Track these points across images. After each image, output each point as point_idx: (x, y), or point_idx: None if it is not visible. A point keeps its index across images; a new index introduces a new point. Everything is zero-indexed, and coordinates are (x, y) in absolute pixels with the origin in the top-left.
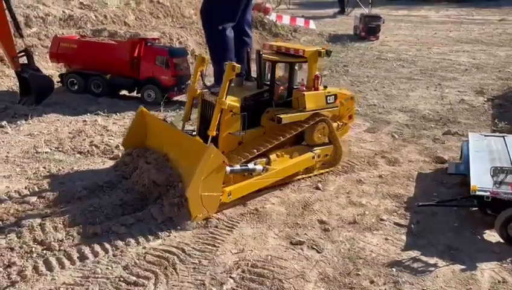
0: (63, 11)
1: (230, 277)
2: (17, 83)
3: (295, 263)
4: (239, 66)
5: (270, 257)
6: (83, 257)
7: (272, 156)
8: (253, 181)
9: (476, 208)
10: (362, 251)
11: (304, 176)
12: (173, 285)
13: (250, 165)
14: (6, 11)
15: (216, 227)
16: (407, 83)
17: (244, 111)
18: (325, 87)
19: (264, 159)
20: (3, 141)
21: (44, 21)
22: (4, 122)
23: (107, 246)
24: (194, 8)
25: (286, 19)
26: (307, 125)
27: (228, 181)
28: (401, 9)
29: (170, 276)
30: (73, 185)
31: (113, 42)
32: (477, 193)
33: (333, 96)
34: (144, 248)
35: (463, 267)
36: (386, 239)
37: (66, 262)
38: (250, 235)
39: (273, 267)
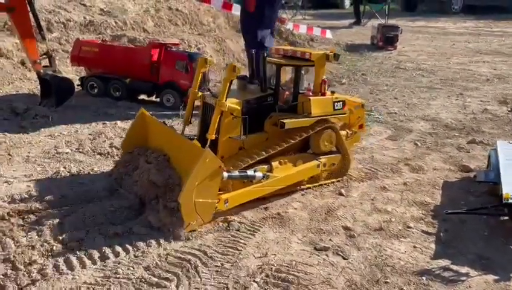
0: (84, 17)
1: (254, 281)
2: (38, 86)
3: (320, 269)
4: (240, 67)
5: (294, 262)
6: (103, 257)
7: (274, 163)
8: (253, 189)
9: (507, 217)
10: (390, 259)
11: (308, 185)
12: (195, 288)
13: (250, 172)
14: (30, 14)
15: (238, 230)
16: (428, 92)
17: (246, 114)
18: (333, 92)
19: (266, 166)
20: (24, 141)
21: (66, 26)
22: (25, 123)
23: (128, 246)
24: (212, 16)
25: (303, 28)
26: (312, 132)
27: (227, 188)
28: (418, 21)
29: (192, 278)
30: (94, 186)
31: (133, 47)
32: (510, 200)
33: (341, 103)
34: (165, 249)
35: (496, 277)
36: (414, 247)
37: (87, 261)
38: (273, 240)
39: (298, 272)
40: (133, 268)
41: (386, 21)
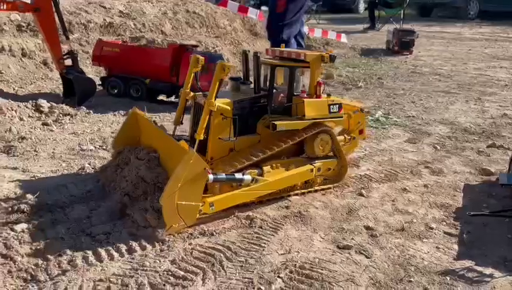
0: (104, 19)
1: (279, 277)
2: (60, 85)
3: (344, 267)
4: (229, 65)
5: (317, 259)
6: (130, 250)
7: (266, 167)
8: (241, 192)
9: None
10: (413, 258)
11: (303, 190)
12: (221, 281)
13: (238, 175)
14: (55, 15)
15: (261, 227)
16: (445, 97)
17: (237, 115)
18: (329, 95)
19: (256, 170)
20: (49, 139)
21: (86, 27)
22: (50, 121)
23: (154, 240)
24: (228, 19)
25: (318, 32)
26: (306, 135)
27: (214, 191)
28: (433, 26)
29: (218, 273)
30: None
31: (154, 48)
32: None
33: (337, 106)
34: (190, 244)
35: None
36: (437, 247)
37: (115, 254)
38: (296, 237)
39: (322, 269)
40: (160, 261)
41: (400, 26)
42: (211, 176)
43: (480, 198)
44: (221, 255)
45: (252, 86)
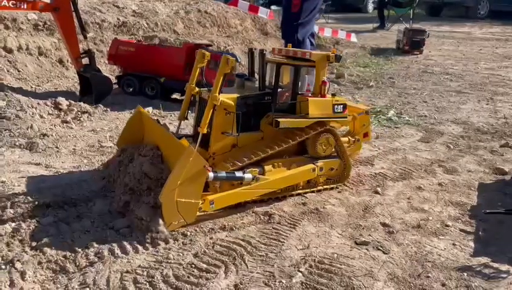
0: (118, 18)
1: (299, 271)
2: (75, 84)
3: (362, 262)
4: (233, 59)
5: (336, 254)
6: (154, 243)
7: (267, 166)
8: (241, 191)
9: None
10: (430, 255)
11: (306, 190)
12: (243, 275)
13: (238, 173)
14: (73, 14)
15: (279, 223)
16: (457, 96)
17: (240, 111)
18: (334, 95)
19: (257, 169)
20: (69, 135)
21: (100, 27)
22: (69, 118)
23: (176, 234)
24: (239, 18)
25: (328, 32)
26: (309, 134)
27: (215, 188)
28: (443, 26)
29: (239, 266)
30: None
31: (168, 47)
32: None
33: (342, 106)
34: (211, 238)
35: None
36: (454, 244)
37: (139, 247)
38: (314, 233)
39: (340, 264)
40: (183, 254)
41: (410, 25)
42: (210, 174)
43: (495, 196)
44: (242, 249)
45: (257, 83)
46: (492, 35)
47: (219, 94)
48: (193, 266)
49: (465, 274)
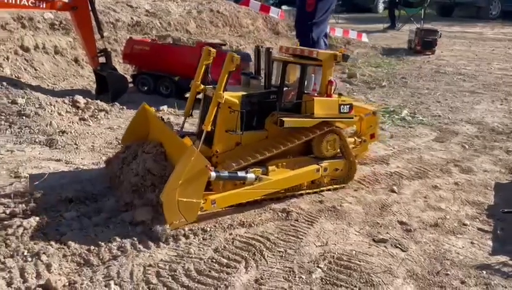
0: (131, 18)
1: (318, 267)
2: (91, 82)
3: (381, 260)
4: (238, 57)
5: (354, 251)
6: (175, 238)
7: (271, 166)
8: (243, 191)
9: None
10: (448, 253)
11: (309, 191)
12: (263, 270)
13: (241, 173)
14: (91, 13)
15: (297, 220)
16: (471, 96)
17: (245, 109)
18: (340, 95)
19: (261, 169)
20: (87, 133)
21: (114, 26)
22: (86, 116)
23: (196, 229)
24: (251, 18)
25: (339, 32)
26: (314, 134)
27: (217, 188)
28: (454, 26)
29: (259, 261)
30: None
31: (182, 46)
32: None
33: (348, 106)
34: (231, 234)
35: None
36: (472, 243)
37: (161, 242)
38: (332, 231)
39: (359, 261)
40: (203, 249)
41: (421, 25)
42: (212, 174)
43: None
44: (261, 245)
45: (263, 81)
46: (504, 35)
47: (223, 92)
48: (214, 260)
49: (484, 272)
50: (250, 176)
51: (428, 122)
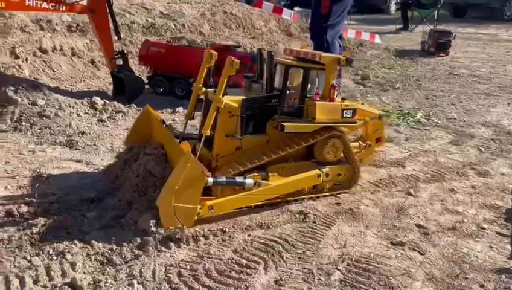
0: (146, 20)
1: (337, 269)
2: (107, 84)
3: (399, 262)
4: (238, 61)
5: (372, 254)
6: (195, 239)
7: (271, 171)
8: (242, 196)
9: None
10: (467, 256)
11: (311, 195)
12: (283, 271)
13: (239, 178)
14: (109, 15)
15: (314, 222)
16: (486, 99)
17: (245, 114)
18: (343, 99)
19: (260, 174)
20: (105, 134)
21: (130, 28)
22: (104, 117)
23: (215, 230)
24: (264, 20)
25: (351, 33)
26: (315, 139)
27: (215, 193)
28: (468, 27)
29: (278, 263)
30: None
31: (197, 48)
32: None
33: (351, 111)
34: (249, 235)
35: None
36: (490, 247)
37: (181, 242)
38: (349, 233)
39: (378, 264)
40: (223, 250)
41: (434, 27)
42: (210, 179)
43: None
44: (280, 246)
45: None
46: None
47: (223, 96)
48: (233, 261)
49: (504, 276)
50: (249, 181)
51: (444, 124)
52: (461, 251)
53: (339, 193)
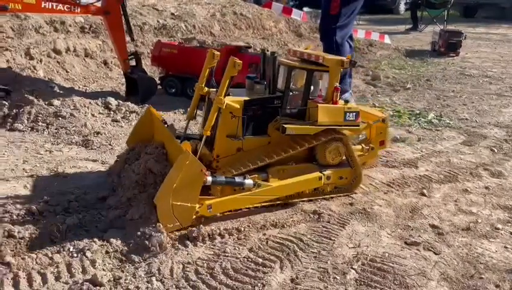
0: (158, 21)
1: (352, 268)
2: (119, 84)
3: (414, 262)
4: (240, 62)
5: (387, 254)
6: (211, 238)
7: (272, 173)
8: (241, 197)
9: None
10: (481, 257)
11: (311, 198)
12: (298, 270)
13: (238, 179)
14: (122, 17)
15: (328, 222)
16: (498, 100)
17: (247, 115)
18: (346, 102)
19: (261, 175)
20: (120, 134)
21: (142, 29)
22: (118, 117)
23: (231, 229)
24: (274, 20)
25: (361, 33)
26: (317, 142)
27: (215, 193)
28: (478, 27)
29: (293, 262)
30: None
31: (209, 49)
32: None
33: (354, 114)
34: (264, 234)
35: None
36: (505, 247)
37: (197, 241)
38: (363, 233)
39: (392, 263)
40: (239, 249)
41: (444, 27)
42: (209, 178)
43: None
44: (295, 246)
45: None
46: None
47: (225, 97)
48: (249, 260)
49: None
50: (248, 182)
51: (456, 125)
52: (476, 251)
53: (351, 194)
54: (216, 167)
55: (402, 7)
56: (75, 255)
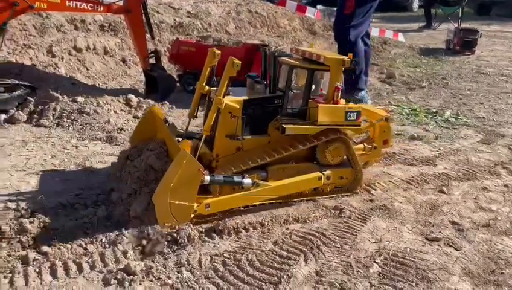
0: (174, 19)
1: (375, 262)
2: (138, 82)
3: (435, 257)
4: (239, 62)
5: (408, 249)
6: (236, 231)
7: (272, 172)
8: (239, 196)
9: None
10: (502, 253)
11: (310, 197)
12: (322, 263)
13: (236, 178)
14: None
15: (349, 217)
16: None
17: (246, 114)
18: (348, 101)
19: (260, 174)
20: None
21: (159, 28)
22: (139, 114)
23: (255, 223)
24: (288, 18)
25: (375, 31)
26: (317, 142)
27: (214, 192)
28: (493, 25)
29: (317, 255)
30: None
31: (227, 47)
32: None
33: (355, 114)
34: (287, 228)
35: None
36: None
37: (223, 234)
38: (384, 228)
39: (414, 258)
40: (264, 242)
41: (459, 25)
42: (207, 177)
43: None
44: (318, 240)
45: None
46: None
47: (224, 97)
48: (274, 253)
49: None
50: (247, 181)
51: (473, 124)
52: (496, 247)
53: (370, 191)
54: (215, 166)
55: (415, 4)
56: (107, 245)
